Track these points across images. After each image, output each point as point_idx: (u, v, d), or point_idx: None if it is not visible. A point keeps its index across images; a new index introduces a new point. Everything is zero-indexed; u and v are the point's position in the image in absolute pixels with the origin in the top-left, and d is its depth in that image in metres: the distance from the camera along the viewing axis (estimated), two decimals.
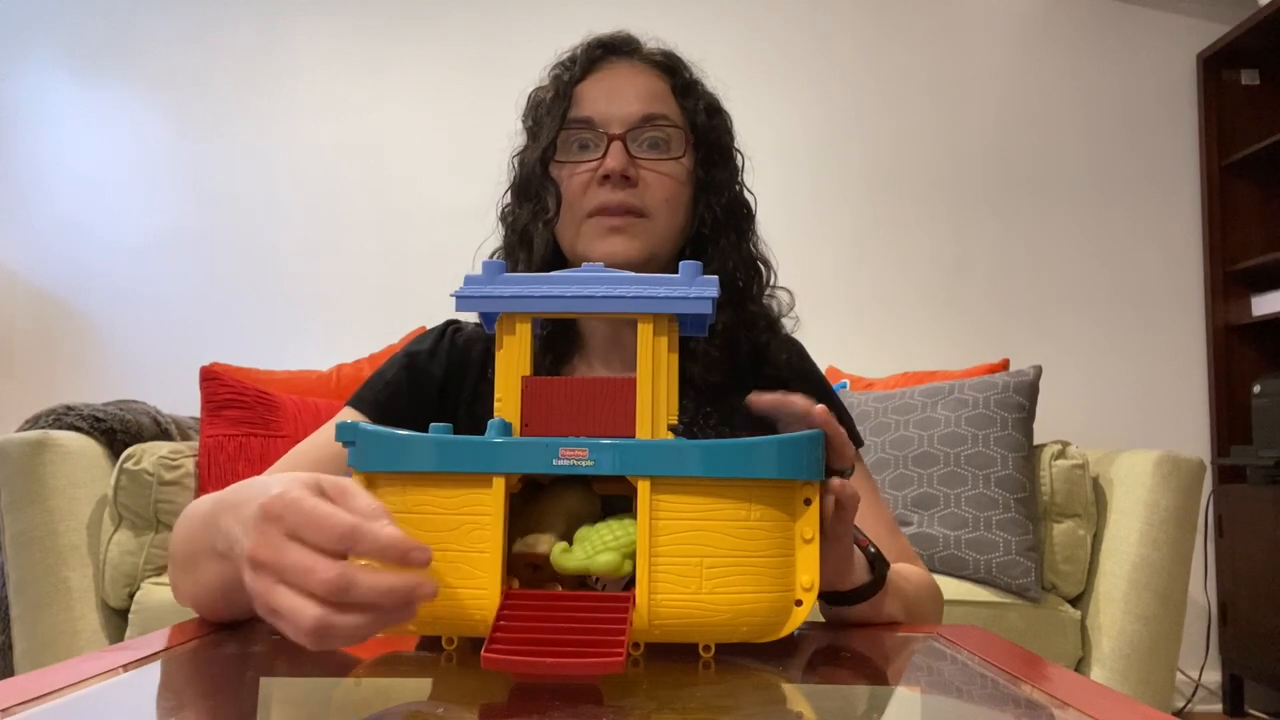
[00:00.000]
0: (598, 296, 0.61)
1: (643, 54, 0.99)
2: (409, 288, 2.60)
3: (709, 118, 0.98)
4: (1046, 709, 0.52)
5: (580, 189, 0.93)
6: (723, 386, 0.95)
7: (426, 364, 0.97)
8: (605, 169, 0.91)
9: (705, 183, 0.97)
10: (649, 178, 0.93)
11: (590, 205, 0.92)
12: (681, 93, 0.97)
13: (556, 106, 0.95)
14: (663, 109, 0.95)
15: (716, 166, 0.98)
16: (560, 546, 0.58)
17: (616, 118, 0.93)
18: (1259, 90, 2.93)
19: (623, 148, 0.92)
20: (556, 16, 2.84)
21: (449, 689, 0.57)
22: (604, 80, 0.96)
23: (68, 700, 0.50)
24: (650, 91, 0.95)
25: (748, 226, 1.00)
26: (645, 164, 0.93)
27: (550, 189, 0.94)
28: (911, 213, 2.93)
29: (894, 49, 2.98)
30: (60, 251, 2.81)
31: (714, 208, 0.96)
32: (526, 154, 0.98)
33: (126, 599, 1.92)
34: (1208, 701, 2.71)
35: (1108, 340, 2.90)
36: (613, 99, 0.94)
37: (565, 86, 0.95)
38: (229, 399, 2.12)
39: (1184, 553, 1.93)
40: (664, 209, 0.93)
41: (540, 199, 0.95)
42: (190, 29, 2.89)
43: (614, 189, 0.91)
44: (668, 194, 0.93)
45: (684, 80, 0.98)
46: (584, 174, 0.93)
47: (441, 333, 1.00)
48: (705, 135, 0.97)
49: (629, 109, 0.93)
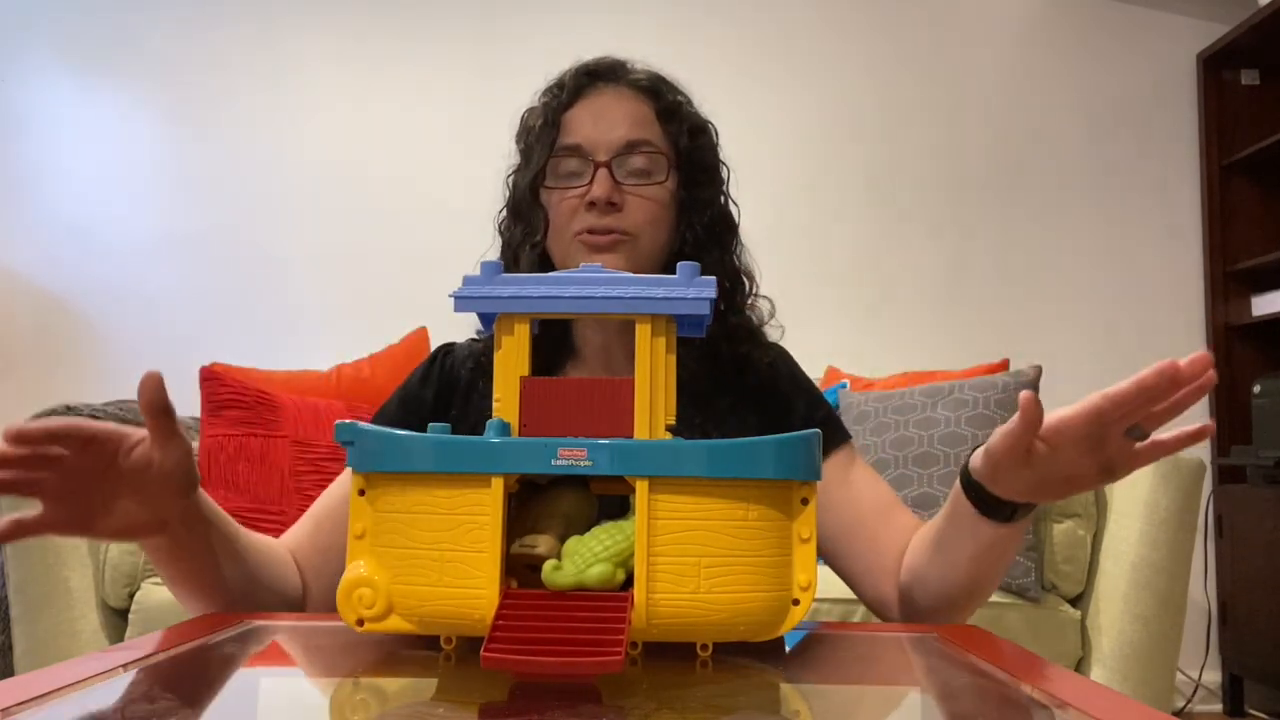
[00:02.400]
0: (596, 297, 0.61)
1: (628, 80, 1.02)
2: (409, 288, 2.60)
3: (692, 139, 1.02)
4: (1046, 709, 0.52)
5: (569, 213, 0.97)
6: (708, 389, 0.98)
7: (419, 391, 1.03)
8: (591, 196, 0.95)
9: (688, 202, 1.00)
10: (633, 202, 0.96)
11: (577, 227, 0.96)
12: (665, 117, 1.01)
13: (546, 134, 0.99)
14: (646, 134, 0.99)
15: (700, 186, 1.01)
16: (551, 564, 0.58)
17: (602, 144, 0.97)
18: (1259, 90, 2.92)
19: (608, 175, 0.96)
20: (555, 17, 2.84)
21: (448, 689, 0.57)
22: (590, 107, 1.00)
23: (68, 700, 0.50)
24: (634, 117, 0.99)
25: (730, 240, 1.04)
26: (630, 189, 0.97)
27: (539, 214, 0.99)
28: (911, 212, 2.92)
29: (894, 49, 2.98)
30: (60, 251, 2.80)
31: (695, 226, 1.00)
32: (518, 176, 1.02)
33: (126, 599, 1.92)
34: (1208, 701, 2.71)
35: (1108, 340, 2.90)
36: (598, 125, 0.98)
37: (553, 114, 0.99)
38: (229, 399, 2.12)
39: (1184, 553, 1.93)
40: (648, 230, 0.97)
41: (530, 222, 1.00)
42: (190, 29, 2.89)
43: (600, 215, 0.95)
44: (651, 216, 0.97)
45: (668, 104, 1.02)
46: (572, 199, 0.97)
47: (432, 359, 1.06)
48: (689, 156, 1.01)
49: (614, 134, 0.97)
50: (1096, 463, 0.72)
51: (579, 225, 0.96)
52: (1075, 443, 0.71)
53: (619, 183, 0.96)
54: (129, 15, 2.88)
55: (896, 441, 2.07)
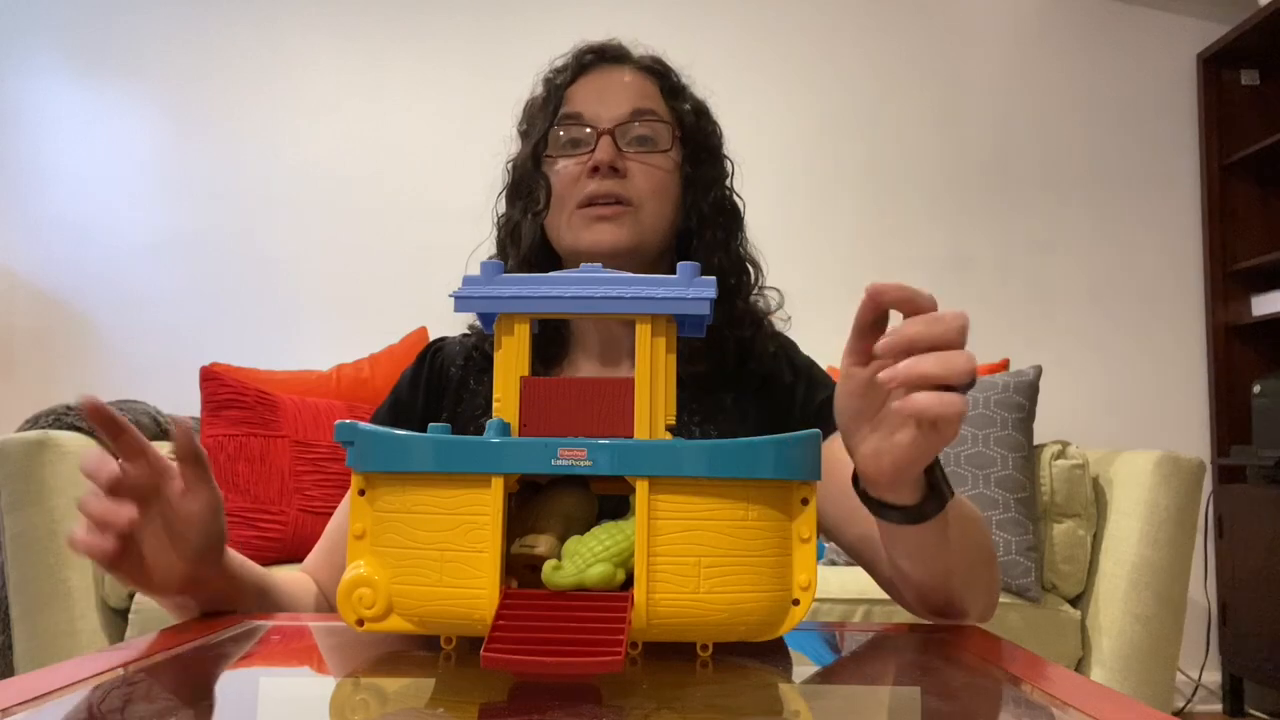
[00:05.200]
0: (596, 297, 0.61)
1: (632, 59, 1.02)
2: (409, 288, 2.60)
3: (696, 118, 1.01)
4: (1046, 709, 0.52)
5: (570, 181, 0.95)
6: (706, 383, 0.96)
7: (410, 397, 1.02)
8: (594, 161, 0.93)
9: (692, 178, 0.99)
10: (636, 169, 0.95)
11: (579, 196, 0.94)
12: (670, 94, 1.00)
13: (548, 106, 0.98)
14: (651, 105, 0.98)
15: (704, 164, 1.00)
16: (551, 564, 0.58)
17: (606, 115, 0.96)
18: (1259, 90, 2.93)
19: (611, 141, 0.94)
20: (555, 15, 2.84)
21: (448, 689, 0.57)
22: (594, 82, 0.99)
23: (68, 700, 0.50)
24: (639, 90, 0.98)
25: (736, 227, 1.02)
26: (633, 157, 0.95)
27: (541, 182, 0.97)
28: (911, 212, 2.92)
29: (894, 48, 2.98)
30: (60, 251, 2.81)
31: (700, 204, 0.99)
32: (519, 155, 1.01)
33: (126, 599, 1.92)
34: (1208, 701, 2.71)
35: (1108, 340, 2.90)
36: (603, 98, 0.97)
37: (556, 89, 0.98)
38: (229, 399, 2.12)
39: (1184, 553, 1.93)
40: (651, 199, 0.95)
41: (531, 193, 0.98)
42: (190, 29, 2.89)
43: (602, 180, 0.93)
44: (655, 185, 0.96)
45: (672, 83, 1.01)
46: (574, 167, 0.95)
47: (420, 360, 1.04)
48: (693, 133, 1.00)
49: (618, 107, 0.96)
50: (896, 418, 0.63)
51: (581, 193, 0.94)
52: (863, 393, 0.65)
53: (622, 150, 0.95)
54: (129, 15, 2.88)
55: None
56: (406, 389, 1.03)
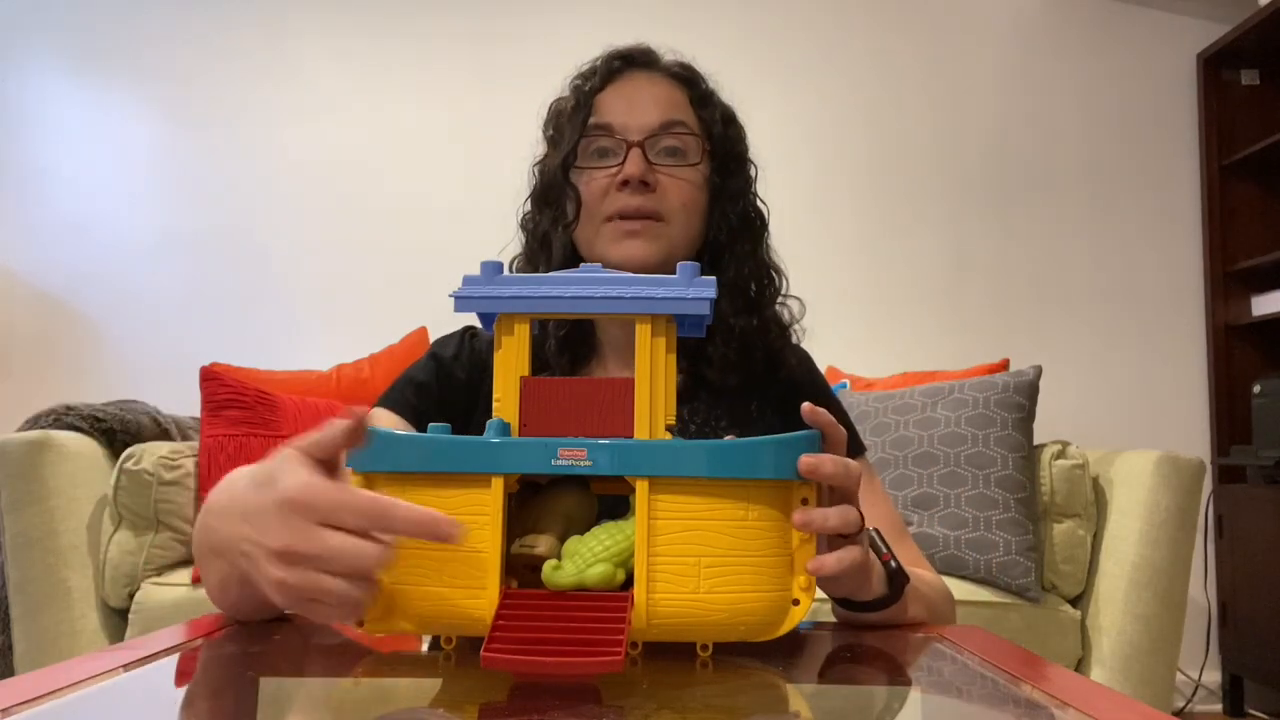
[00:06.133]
0: (595, 297, 0.61)
1: (661, 66, 1.01)
2: (409, 288, 2.60)
3: (725, 127, 1.00)
4: (1046, 709, 0.52)
5: (599, 194, 0.94)
6: (738, 390, 0.96)
7: (451, 367, 0.99)
8: (624, 174, 0.93)
9: (721, 190, 0.98)
10: (666, 183, 0.94)
11: (609, 210, 0.93)
12: (699, 103, 0.99)
13: (577, 115, 0.97)
14: (680, 116, 0.97)
15: (732, 175, 0.99)
16: (551, 564, 0.59)
17: (635, 125, 0.95)
18: (1259, 90, 2.92)
19: (641, 154, 0.93)
20: (557, 17, 2.84)
21: (448, 689, 0.57)
22: (623, 90, 0.98)
23: (68, 700, 0.50)
24: (668, 100, 0.97)
25: (762, 234, 1.02)
26: (663, 170, 0.94)
27: (570, 194, 0.96)
28: (912, 212, 2.92)
29: (894, 49, 2.98)
30: (60, 251, 2.81)
31: (729, 215, 0.98)
32: (547, 161, 1.00)
33: (126, 599, 1.92)
34: (1208, 701, 2.71)
35: (1108, 340, 2.90)
36: (632, 107, 0.96)
37: (585, 96, 0.97)
38: (229, 399, 2.12)
39: (1184, 553, 1.93)
40: (681, 214, 0.95)
41: (560, 204, 0.97)
42: (190, 29, 2.89)
43: (632, 194, 0.92)
44: (684, 199, 0.95)
45: (701, 91, 1.00)
46: (603, 179, 0.94)
47: (461, 337, 1.02)
48: (721, 144, 0.99)
49: (647, 117, 0.95)
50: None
51: (610, 207, 0.93)
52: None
53: (652, 163, 0.94)
54: (129, 15, 2.88)
55: (896, 441, 2.07)
56: (450, 360, 0.98)
